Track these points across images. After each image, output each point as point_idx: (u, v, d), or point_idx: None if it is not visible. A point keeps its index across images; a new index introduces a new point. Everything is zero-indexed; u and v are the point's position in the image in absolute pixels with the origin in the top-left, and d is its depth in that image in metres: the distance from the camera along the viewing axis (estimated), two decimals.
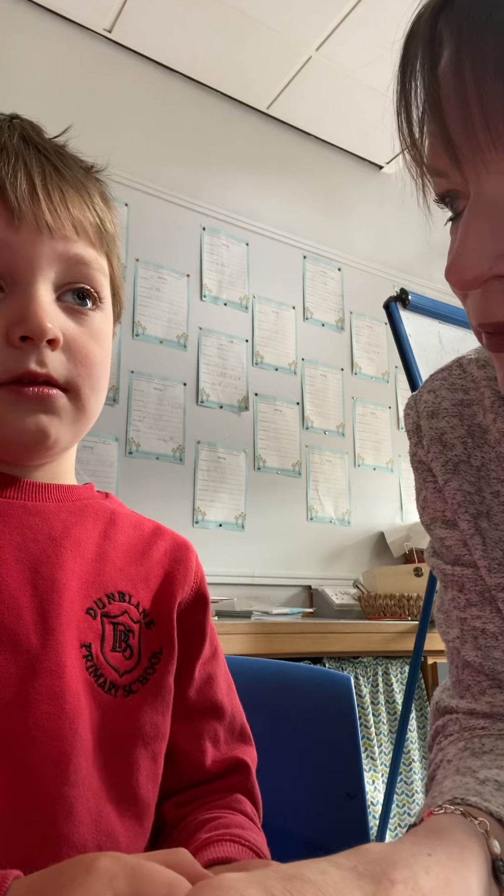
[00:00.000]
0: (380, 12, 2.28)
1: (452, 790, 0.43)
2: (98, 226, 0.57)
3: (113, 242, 0.60)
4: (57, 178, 0.55)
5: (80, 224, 0.55)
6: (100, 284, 0.57)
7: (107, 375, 0.58)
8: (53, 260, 0.53)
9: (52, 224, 0.53)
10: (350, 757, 0.75)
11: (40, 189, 0.53)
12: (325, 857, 0.30)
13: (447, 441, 0.60)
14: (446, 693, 0.61)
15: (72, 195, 0.55)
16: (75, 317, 0.55)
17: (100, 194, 0.60)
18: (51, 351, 0.52)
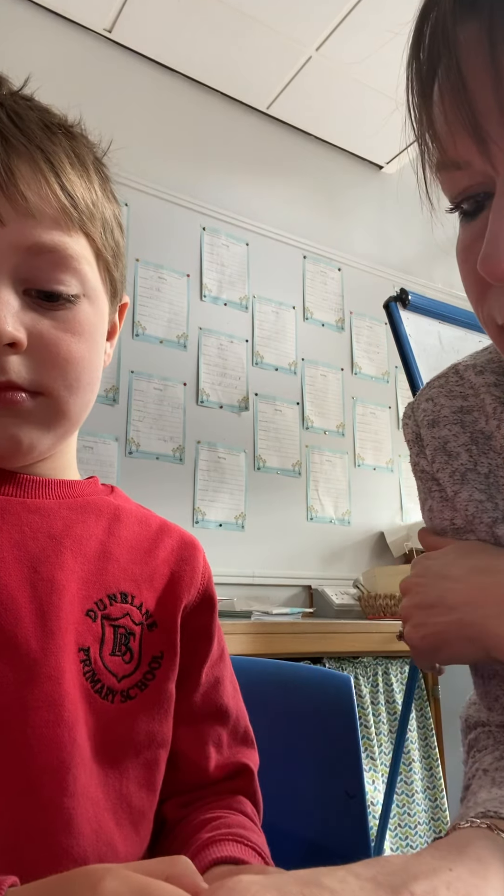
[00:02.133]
0: (380, 12, 2.28)
1: (486, 802, 0.42)
2: (61, 198, 0.49)
3: (91, 215, 0.51)
4: (3, 150, 0.47)
5: (35, 205, 0.47)
6: (74, 272, 0.50)
7: (92, 370, 0.53)
8: (8, 252, 0.47)
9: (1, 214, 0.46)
10: (350, 757, 0.75)
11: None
12: (343, 866, 0.30)
13: (451, 450, 0.59)
14: (473, 708, 0.60)
15: (23, 170, 0.47)
16: (47, 312, 0.49)
17: (71, 158, 0.51)
18: (13, 354, 0.47)
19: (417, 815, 1.87)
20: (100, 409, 2.19)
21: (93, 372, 0.53)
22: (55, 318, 0.49)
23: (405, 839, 1.83)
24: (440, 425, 0.60)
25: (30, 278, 0.48)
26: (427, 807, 1.89)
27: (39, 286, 0.48)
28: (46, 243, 0.48)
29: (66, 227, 0.49)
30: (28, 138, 0.48)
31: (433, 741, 1.96)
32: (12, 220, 0.47)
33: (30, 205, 0.47)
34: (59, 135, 0.51)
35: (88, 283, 0.51)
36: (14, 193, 0.46)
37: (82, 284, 0.51)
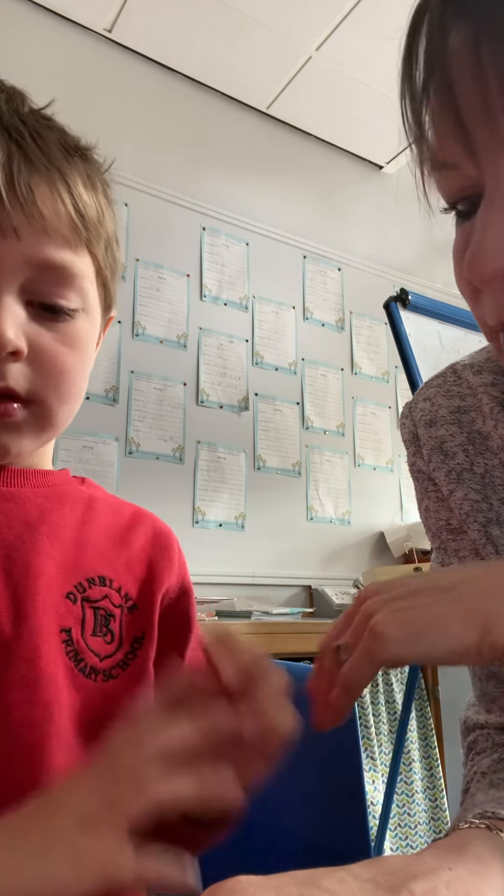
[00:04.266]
0: (380, 12, 2.28)
1: (483, 803, 0.42)
2: (73, 218, 0.51)
3: (97, 234, 0.54)
4: (26, 168, 0.49)
5: (51, 223, 0.49)
6: (76, 289, 0.52)
7: (81, 381, 0.55)
8: (20, 265, 0.49)
9: (16, 226, 0.48)
10: (350, 757, 0.75)
11: (2, 185, 0.47)
12: (342, 867, 0.30)
13: (448, 450, 0.59)
14: (472, 710, 0.60)
15: (42, 189, 0.49)
16: (47, 324, 0.51)
17: (84, 179, 0.53)
18: (13, 363, 0.49)
19: (417, 815, 1.87)
20: (100, 409, 2.20)
21: (83, 382, 0.56)
22: (54, 329, 0.51)
23: (405, 839, 1.83)
24: (437, 425, 0.60)
25: (35, 291, 0.50)
26: (427, 807, 1.89)
27: (43, 299, 0.51)
28: (56, 260, 0.50)
29: (75, 246, 0.51)
30: (48, 159, 0.50)
31: (433, 741, 1.96)
32: (28, 235, 0.49)
33: (45, 222, 0.49)
34: (75, 157, 0.53)
35: (88, 299, 0.54)
36: (33, 210, 0.48)
37: (82, 300, 0.53)
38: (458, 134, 0.39)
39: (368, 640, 0.43)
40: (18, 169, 0.48)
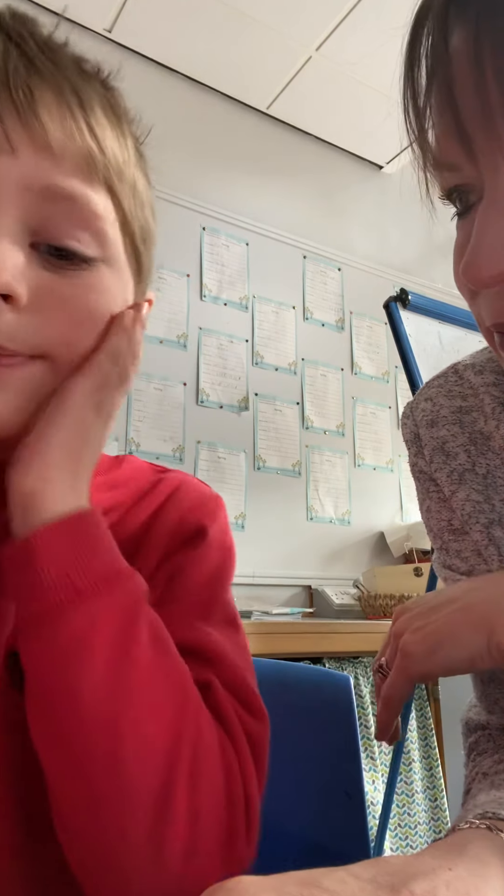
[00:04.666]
0: (380, 12, 2.28)
1: (484, 804, 0.42)
2: (90, 144, 0.41)
3: (120, 172, 0.44)
4: (25, 68, 0.39)
5: (58, 140, 0.39)
6: (94, 231, 0.42)
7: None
8: (16, 188, 0.39)
9: (9, 134, 0.38)
10: (350, 757, 0.75)
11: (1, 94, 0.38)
12: (342, 867, 0.30)
13: (450, 450, 0.59)
14: (474, 711, 0.60)
15: (46, 96, 0.40)
16: (56, 271, 0.41)
17: (104, 105, 0.44)
18: (9, 312, 0.39)
19: (417, 815, 1.87)
20: None
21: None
22: (66, 277, 0.41)
23: (405, 839, 1.83)
24: (439, 425, 0.60)
25: (39, 229, 0.40)
26: (427, 807, 1.89)
27: (51, 240, 0.41)
28: (65, 188, 0.40)
29: (90, 177, 0.41)
30: (57, 66, 0.41)
31: (433, 741, 1.96)
32: (26, 151, 0.39)
33: (49, 137, 0.39)
34: (93, 80, 0.44)
35: (110, 247, 0.43)
36: (31, 120, 0.39)
37: (102, 247, 0.43)
38: (457, 135, 0.40)
39: (400, 659, 0.50)
40: (15, 68, 0.39)
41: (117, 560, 0.43)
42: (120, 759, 0.38)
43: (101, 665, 0.39)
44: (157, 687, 0.40)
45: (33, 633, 0.40)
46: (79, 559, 0.40)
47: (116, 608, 0.40)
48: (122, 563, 0.43)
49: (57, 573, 0.39)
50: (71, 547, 0.40)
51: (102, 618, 0.40)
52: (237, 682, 0.48)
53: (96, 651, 0.39)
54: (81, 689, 0.38)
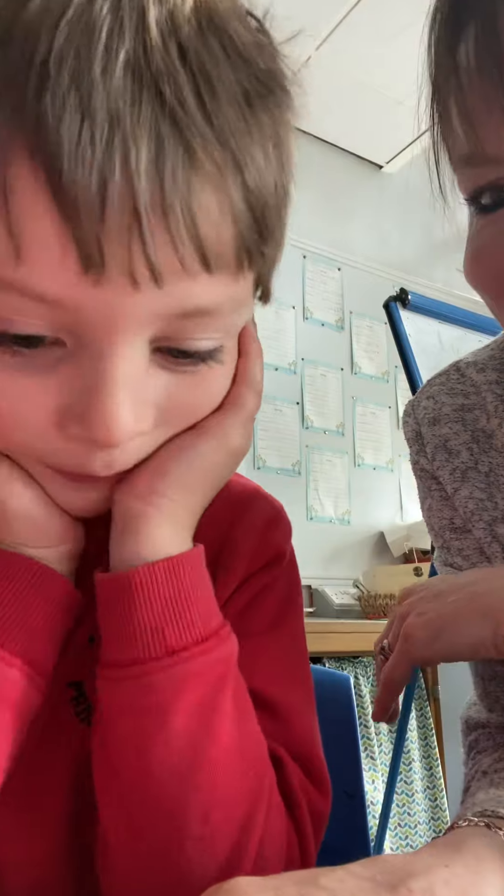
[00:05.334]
0: (380, 12, 2.28)
1: (483, 802, 0.42)
2: (242, 233, 0.32)
3: (271, 231, 0.34)
4: (184, 168, 0.29)
5: (212, 250, 0.31)
6: (227, 323, 0.36)
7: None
8: (154, 317, 0.32)
9: (159, 268, 0.30)
10: (350, 757, 0.75)
11: (147, 205, 0.29)
12: (341, 866, 0.30)
13: (452, 448, 0.59)
14: (474, 709, 0.59)
15: (204, 201, 0.30)
16: (177, 369, 0.36)
17: (266, 150, 0.33)
18: (129, 444, 0.35)
19: (417, 814, 1.87)
20: None
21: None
22: (187, 376, 0.36)
23: (405, 839, 1.83)
24: (441, 423, 0.60)
25: (167, 337, 0.34)
26: (427, 806, 1.89)
27: (177, 345, 0.35)
28: (207, 307, 0.33)
29: (238, 272, 0.33)
30: (219, 134, 0.30)
31: (433, 741, 1.96)
32: (173, 279, 0.31)
33: (205, 250, 0.31)
34: (262, 118, 0.33)
35: (233, 329, 0.38)
36: (187, 241, 0.30)
37: (229, 331, 0.37)
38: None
39: (402, 642, 0.50)
40: (174, 180, 0.29)
41: (213, 614, 0.39)
42: (180, 846, 0.35)
43: (178, 738, 0.36)
44: (233, 769, 0.37)
45: (112, 680, 0.37)
46: (176, 611, 0.37)
47: (206, 675, 0.37)
48: (216, 616, 0.39)
49: (151, 624, 0.36)
50: (170, 595, 0.37)
51: (190, 685, 0.36)
52: (306, 751, 0.45)
53: (177, 721, 0.35)
54: (152, 759, 0.36)
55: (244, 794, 0.37)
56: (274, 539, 0.49)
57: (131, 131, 0.28)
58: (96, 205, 0.28)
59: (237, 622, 0.45)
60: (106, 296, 0.30)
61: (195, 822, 0.36)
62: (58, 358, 0.33)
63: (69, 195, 0.28)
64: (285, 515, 0.51)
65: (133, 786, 0.36)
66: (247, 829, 0.37)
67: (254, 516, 0.49)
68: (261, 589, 0.47)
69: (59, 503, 0.38)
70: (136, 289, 0.30)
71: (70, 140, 0.27)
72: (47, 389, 0.33)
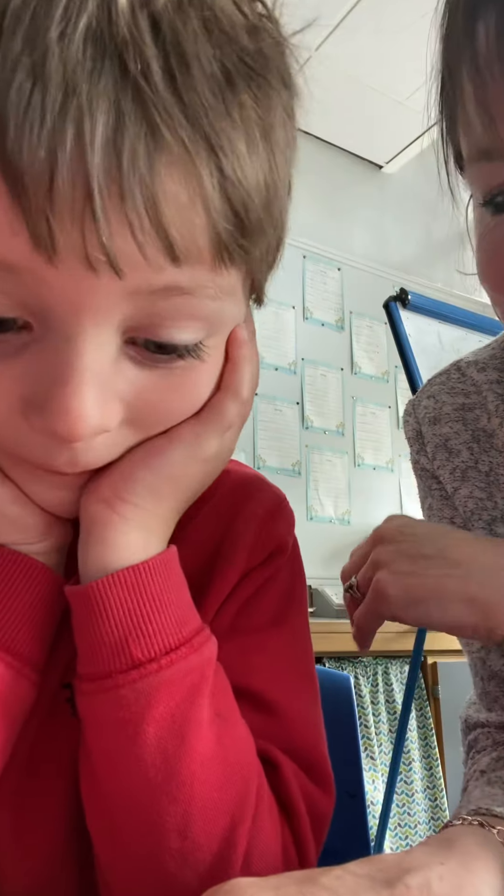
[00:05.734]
0: (380, 12, 2.28)
1: (478, 800, 0.43)
2: (223, 227, 0.30)
3: (258, 228, 0.32)
4: (146, 147, 0.27)
5: (183, 243, 0.29)
6: (208, 314, 0.33)
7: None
8: (120, 300, 0.30)
9: (116, 256, 0.28)
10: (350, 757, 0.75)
11: (99, 182, 0.26)
12: (339, 865, 0.31)
13: (452, 447, 0.59)
14: (473, 708, 0.60)
15: (170, 187, 0.28)
16: (153, 366, 0.33)
17: (251, 136, 0.30)
18: (94, 441, 0.33)
19: (417, 814, 1.87)
20: None
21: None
22: (164, 375, 0.34)
23: (405, 839, 1.83)
24: (441, 423, 0.60)
25: (141, 326, 0.32)
26: (427, 806, 1.89)
27: (153, 336, 0.32)
28: (185, 286, 0.30)
29: (216, 266, 0.31)
30: (192, 123, 0.28)
31: (433, 741, 1.96)
32: (136, 266, 0.28)
33: (173, 242, 0.28)
34: (245, 100, 0.30)
35: (223, 319, 0.35)
36: (150, 229, 0.28)
37: (213, 325, 0.34)
38: None
39: (373, 597, 0.49)
40: (132, 161, 0.27)
41: (185, 620, 0.37)
42: (160, 859, 0.35)
43: (150, 751, 0.34)
44: (212, 781, 0.36)
45: (85, 693, 0.36)
46: (140, 622, 0.35)
47: (176, 685, 0.35)
48: (190, 622, 0.37)
49: (114, 637, 0.35)
50: (133, 606, 0.35)
51: (159, 697, 0.35)
52: (308, 750, 0.43)
53: (148, 734, 0.34)
54: (128, 771, 0.35)
55: (226, 806, 0.36)
56: (276, 530, 0.47)
57: (87, 101, 0.25)
58: (44, 177, 0.26)
59: (238, 617, 0.44)
60: (63, 278, 0.28)
61: (173, 835, 0.35)
62: (24, 343, 0.31)
63: (15, 165, 0.26)
64: (288, 505, 0.49)
65: (113, 797, 0.36)
66: (230, 842, 0.36)
67: (255, 506, 0.47)
68: (263, 583, 0.46)
69: (34, 500, 0.37)
70: (94, 274, 0.28)
71: (19, 105, 0.25)
72: (12, 376, 0.31)
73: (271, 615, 0.46)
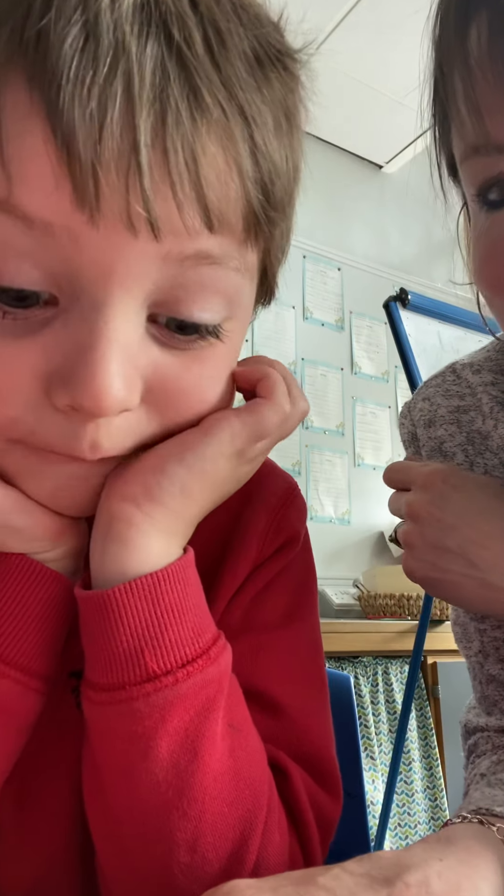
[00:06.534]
0: (379, 12, 2.28)
1: (478, 801, 0.43)
2: (255, 197, 0.31)
3: (281, 205, 0.34)
4: (189, 115, 0.28)
5: (216, 208, 0.30)
6: (231, 291, 0.34)
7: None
8: (152, 265, 0.30)
9: (158, 219, 0.29)
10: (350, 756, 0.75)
11: (146, 147, 0.27)
12: (336, 864, 0.31)
13: (447, 450, 0.59)
14: (473, 712, 0.59)
15: (210, 154, 0.29)
16: (175, 347, 0.34)
17: (277, 119, 0.33)
18: (115, 420, 0.33)
19: (417, 814, 1.87)
20: None
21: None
22: (184, 356, 0.34)
23: (405, 839, 1.83)
24: (436, 425, 0.60)
25: (166, 300, 0.32)
26: (427, 806, 1.89)
27: (176, 314, 0.33)
28: (214, 254, 0.31)
29: (244, 238, 0.32)
30: (228, 89, 0.29)
31: (433, 741, 1.96)
32: (172, 231, 0.29)
33: (209, 208, 0.30)
34: (272, 79, 0.33)
35: (242, 300, 0.35)
36: (190, 193, 0.29)
37: (232, 305, 0.34)
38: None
39: (403, 567, 0.53)
40: (177, 119, 0.28)
41: (203, 629, 0.36)
42: (168, 872, 0.34)
43: (163, 766, 0.33)
44: (223, 796, 0.35)
45: (96, 703, 0.35)
46: (157, 633, 0.34)
47: (192, 699, 0.34)
48: (207, 631, 0.36)
49: (130, 647, 0.34)
50: (151, 616, 0.34)
51: (174, 711, 0.33)
52: (317, 754, 0.42)
53: (161, 749, 0.33)
54: (138, 785, 0.34)
55: (235, 821, 0.35)
56: (289, 519, 0.46)
57: (137, 60, 0.27)
58: (94, 129, 0.27)
59: (248, 613, 0.43)
60: (99, 238, 0.28)
61: (183, 850, 0.34)
62: (47, 319, 0.31)
63: (67, 115, 0.26)
64: (300, 493, 0.48)
65: (120, 808, 0.35)
66: (239, 856, 0.35)
67: (267, 493, 0.45)
68: (275, 575, 0.45)
69: (43, 497, 0.35)
70: (132, 235, 0.29)
71: (72, 60, 0.26)
72: (35, 351, 0.31)
73: (283, 611, 0.45)
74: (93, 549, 0.36)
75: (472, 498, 0.49)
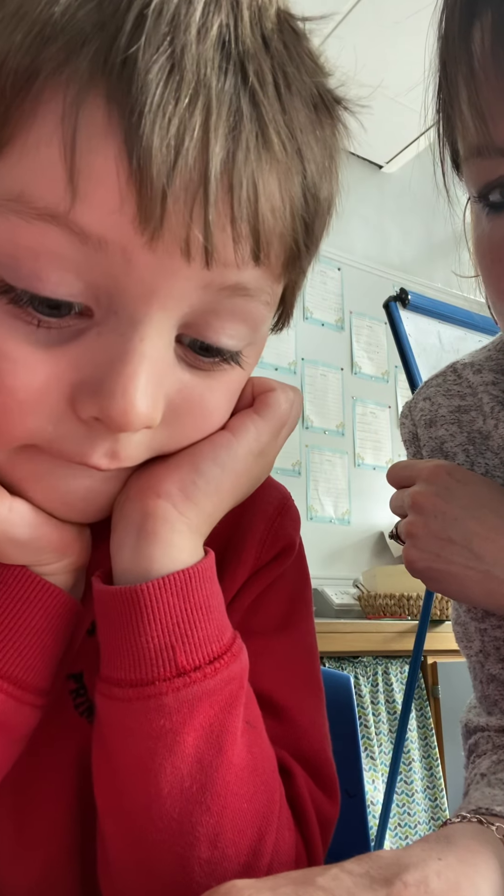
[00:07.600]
0: (380, 11, 2.28)
1: (478, 800, 0.43)
2: (299, 238, 0.33)
3: (319, 234, 0.36)
4: (257, 155, 0.30)
5: (266, 235, 0.31)
6: (256, 319, 0.35)
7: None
8: (194, 291, 0.31)
9: (216, 248, 0.30)
10: (350, 756, 0.75)
11: (218, 174, 0.29)
12: (335, 864, 0.31)
13: (448, 450, 0.59)
14: (473, 712, 0.59)
15: (272, 191, 0.31)
16: (198, 368, 0.35)
17: (328, 158, 0.35)
18: (133, 435, 0.34)
19: (417, 814, 1.87)
20: None
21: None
22: (206, 377, 0.35)
23: (405, 839, 1.83)
24: (437, 425, 0.60)
25: (195, 323, 0.33)
26: (427, 806, 1.89)
27: (203, 337, 0.34)
28: (246, 285, 0.32)
29: (283, 269, 0.35)
30: (291, 132, 0.31)
31: (433, 741, 1.96)
32: (225, 260, 0.31)
33: (261, 242, 0.31)
34: (325, 125, 0.35)
35: (259, 331, 0.37)
36: (245, 226, 0.30)
37: (255, 331, 0.36)
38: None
39: (404, 559, 0.53)
40: (245, 156, 0.29)
41: (225, 628, 0.37)
42: (187, 869, 0.34)
43: (188, 761, 0.34)
44: (244, 790, 0.35)
45: (119, 700, 0.34)
46: (187, 628, 0.35)
47: (217, 695, 0.35)
48: (228, 629, 0.37)
49: (161, 643, 0.34)
50: (182, 612, 0.35)
51: (201, 707, 0.34)
52: (315, 756, 0.43)
53: (187, 744, 0.34)
54: (161, 782, 0.34)
55: (254, 815, 0.36)
56: (284, 527, 0.47)
57: (216, 96, 0.28)
58: (170, 158, 0.28)
59: (245, 618, 0.44)
60: (153, 260, 0.29)
61: (204, 845, 0.34)
62: (81, 329, 0.31)
63: (145, 143, 0.27)
64: (294, 503, 0.49)
65: (140, 807, 0.35)
66: (257, 852, 0.36)
67: (263, 503, 0.47)
68: (271, 583, 0.45)
69: (52, 507, 0.36)
70: (185, 260, 0.30)
71: (156, 88, 0.27)
72: (67, 360, 0.31)
73: (279, 618, 0.46)
74: (120, 545, 0.37)
75: (477, 492, 0.49)
